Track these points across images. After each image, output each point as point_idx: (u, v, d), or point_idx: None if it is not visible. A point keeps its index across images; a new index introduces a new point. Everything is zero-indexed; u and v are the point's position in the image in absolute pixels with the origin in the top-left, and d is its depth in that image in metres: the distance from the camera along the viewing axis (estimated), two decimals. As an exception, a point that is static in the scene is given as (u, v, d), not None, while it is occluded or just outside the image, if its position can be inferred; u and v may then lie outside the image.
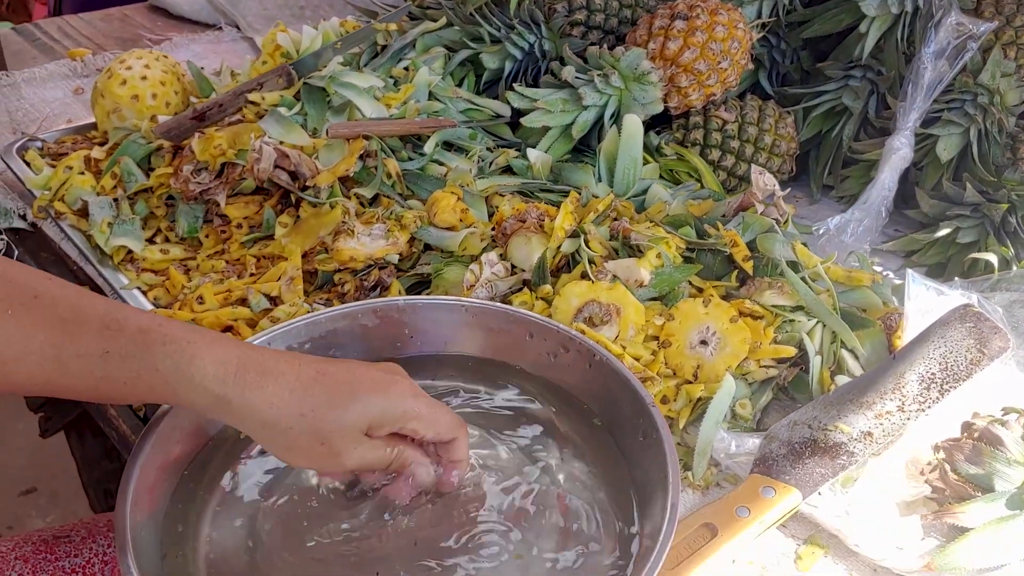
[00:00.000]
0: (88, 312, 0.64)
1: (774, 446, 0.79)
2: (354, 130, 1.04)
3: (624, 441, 0.76)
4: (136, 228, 1.02)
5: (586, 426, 0.80)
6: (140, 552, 0.64)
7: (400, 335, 0.84)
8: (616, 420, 0.78)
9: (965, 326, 0.84)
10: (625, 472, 0.75)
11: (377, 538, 0.71)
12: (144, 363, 0.63)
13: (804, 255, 0.93)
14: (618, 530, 0.71)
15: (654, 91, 1.16)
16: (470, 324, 0.84)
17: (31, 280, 0.65)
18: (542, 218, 0.93)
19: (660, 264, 0.90)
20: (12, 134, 1.27)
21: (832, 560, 0.75)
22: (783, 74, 1.35)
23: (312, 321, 0.82)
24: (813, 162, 1.29)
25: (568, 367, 0.81)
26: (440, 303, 0.85)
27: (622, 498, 0.74)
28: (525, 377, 0.83)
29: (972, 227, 1.09)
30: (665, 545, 0.63)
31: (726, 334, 0.85)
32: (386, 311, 0.84)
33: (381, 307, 0.84)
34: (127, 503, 0.66)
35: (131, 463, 0.69)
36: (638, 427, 0.74)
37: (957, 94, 1.16)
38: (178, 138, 1.08)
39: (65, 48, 1.56)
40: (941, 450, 0.77)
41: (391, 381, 0.69)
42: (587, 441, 0.79)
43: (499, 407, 0.82)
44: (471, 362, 0.85)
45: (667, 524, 0.65)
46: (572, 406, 0.81)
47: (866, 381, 0.83)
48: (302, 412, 0.65)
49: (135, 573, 0.62)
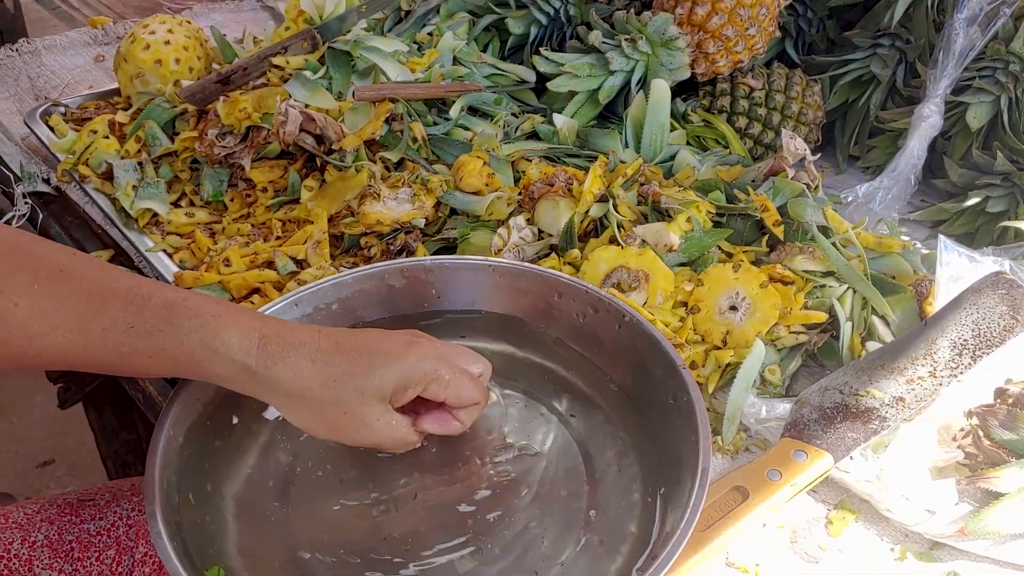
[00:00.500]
0: (113, 287, 0.64)
1: (805, 411, 0.79)
2: (380, 93, 1.04)
3: (653, 404, 0.76)
4: (161, 191, 1.02)
5: (612, 389, 0.79)
6: (168, 514, 0.64)
7: (427, 295, 0.84)
8: (645, 383, 0.77)
9: (998, 293, 0.83)
10: (654, 435, 0.75)
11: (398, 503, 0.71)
12: (169, 337, 0.63)
13: (835, 220, 0.92)
14: (647, 493, 0.71)
15: (681, 57, 1.15)
16: (497, 284, 0.83)
17: (56, 255, 0.65)
18: (570, 182, 0.93)
19: (690, 229, 0.89)
20: (34, 100, 1.27)
21: (863, 525, 0.75)
22: (809, 43, 1.34)
23: (339, 282, 0.82)
24: (839, 132, 1.28)
25: (597, 328, 0.80)
26: (467, 263, 0.84)
27: (651, 462, 0.73)
28: (552, 339, 0.83)
29: (1002, 196, 1.08)
30: (696, 508, 0.63)
31: (756, 299, 0.84)
32: (413, 271, 0.83)
33: (408, 267, 0.83)
34: (156, 465, 0.66)
35: (159, 425, 0.69)
36: (668, 389, 0.73)
37: (988, 62, 1.15)
38: (202, 102, 1.07)
39: (85, 16, 1.56)
40: (974, 416, 0.77)
41: (411, 343, 0.69)
42: (613, 404, 0.78)
43: (525, 369, 0.82)
44: (498, 322, 0.84)
45: (697, 488, 0.64)
46: (597, 368, 0.81)
47: (897, 347, 0.82)
48: (324, 381, 0.65)
49: (164, 534, 0.62)
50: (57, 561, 0.84)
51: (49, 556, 0.84)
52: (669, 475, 0.71)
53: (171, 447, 0.69)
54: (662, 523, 0.68)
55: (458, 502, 0.71)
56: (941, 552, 0.72)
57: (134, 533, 0.89)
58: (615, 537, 0.68)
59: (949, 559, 0.72)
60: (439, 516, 0.70)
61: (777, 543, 0.73)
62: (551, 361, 0.82)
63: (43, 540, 0.85)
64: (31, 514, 0.87)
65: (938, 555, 0.72)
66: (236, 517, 0.69)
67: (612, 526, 0.69)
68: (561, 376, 0.81)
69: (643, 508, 0.70)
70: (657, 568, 0.59)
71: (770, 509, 0.72)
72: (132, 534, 0.89)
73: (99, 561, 0.86)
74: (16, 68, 1.34)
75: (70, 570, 0.84)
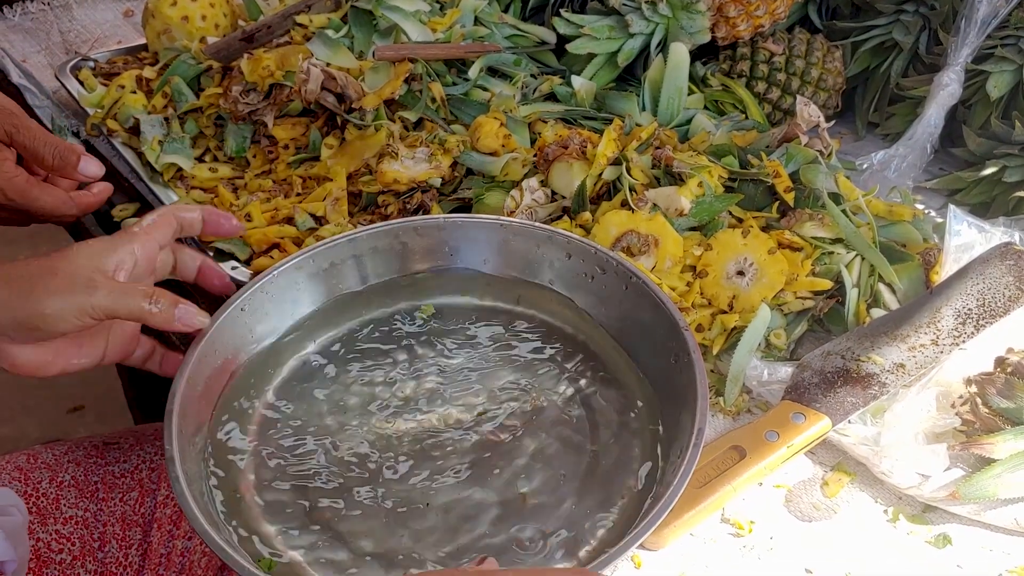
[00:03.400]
0: None
1: (806, 375, 0.80)
2: (400, 53, 1.05)
3: (656, 364, 0.78)
4: (186, 147, 1.04)
5: (615, 348, 0.81)
6: (186, 461, 0.67)
7: (440, 253, 0.86)
8: (649, 343, 0.79)
9: (1005, 263, 0.84)
10: (654, 394, 0.77)
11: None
12: None
13: (846, 188, 0.93)
14: (645, 449, 0.73)
15: (702, 20, 1.15)
16: (509, 243, 0.85)
17: None
18: (584, 145, 0.94)
19: (701, 193, 0.90)
20: (64, 54, 1.29)
21: (858, 487, 0.77)
22: (833, 7, 1.33)
23: (353, 238, 0.84)
24: (859, 98, 1.27)
25: (604, 289, 0.82)
26: (480, 222, 0.86)
27: (651, 419, 0.76)
28: (560, 297, 0.85)
29: (1019, 166, 1.08)
30: (691, 466, 0.65)
31: (763, 265, 0.86)
32: (426, 229, 0.85)
33: (421, 225, 0.85)
34: (175, 411, 0.69)
35: (180, 371, 0.72)
36: (670, 350, 0.75)
37: (1012, 30, 1.14)
38: (227, 59, 1.09)
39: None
40: (973, 384, 0.78)
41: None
42: (616, 363, 0.81)
43: (533, 327, 0.84)
44: (508, 281, 0.86)
45: (692, 447, 0.66)
46: (602, 327, 0.82)
47: (902, 314, 0.84)
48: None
49: (181, 478, 0.64)
50: (83, 501, 0.88)
51: (76, 496, 0.88)
52: (667, 433, 0.73)
53: (189, 396, 0.71)
54: (659, 480, 0.70)
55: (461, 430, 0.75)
56: (933, 515, 0.74)
57: (156, 476, 0.92)
58: (614, 491, 0.70)
59: (940, 522, 0.74)
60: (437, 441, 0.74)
61: (773, 502, 0.75)
62: (557, 320, 0.84)
63: (70, 480, 0.88)
64: (59, 455, 0.91)
65: (930, 518, 0.74)
66: (253, 470, 0.73)
67: (611, 479, 0.71)
68: (567, 334, 0.83)
69: (640, 463, 0.72)
70: (649, 523, 0.62)
71: (766, 469, 0.74)
72: (155, 477, 0.92)
73: (123, 502, 0.90)
74: (48, 22, 1.36)
75: (95, 509, 0.88)
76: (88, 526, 0.87)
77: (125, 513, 0.89)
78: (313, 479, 0.72)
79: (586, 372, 0.80)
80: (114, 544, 0.88)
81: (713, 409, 0.82)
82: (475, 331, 0.84)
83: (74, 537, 0.86)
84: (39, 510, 0.86)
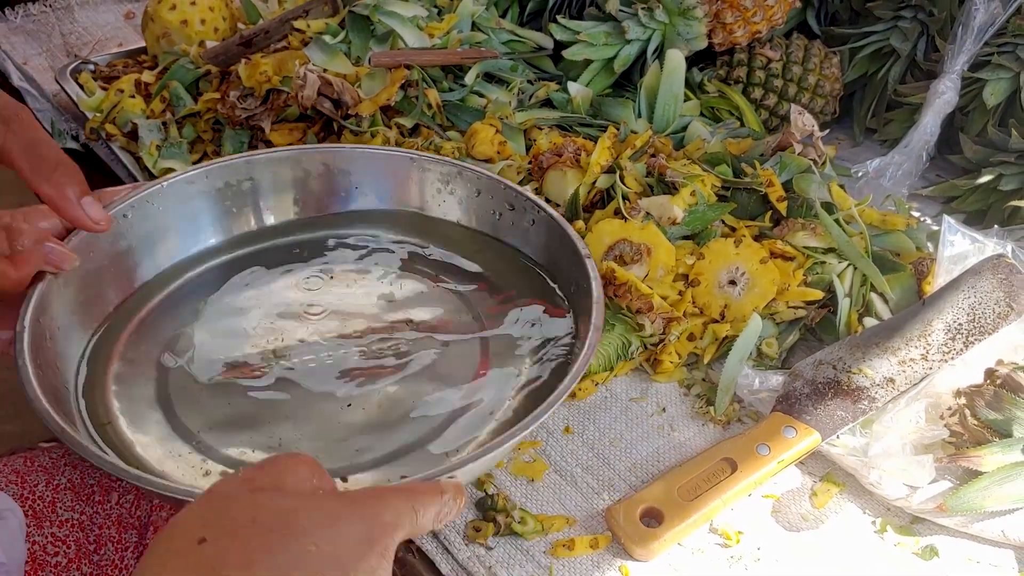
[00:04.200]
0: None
1: (798, 384, 0.81)
2: (396, 59, 1.05)
3: (558, 290, 0.82)
4: (184, 151, 1.05)
5: (521, 279, 0.85)
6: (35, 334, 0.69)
7: (345, 186, 0.87)
8: (554, 273, 0.83)
9: (997, 277, 0.84)
10: (555, 315, 0.81)
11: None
12: None
13: (840, 197, 0.93)
14: (544, 358, 0.78)
15: (699, 26, 1.15)
16: (418, 180, 0.87)
17: None
18: (578, 152, 0.94)
19: (694, 202, 0.90)
20: (66, 56, 1.30)
21: (847, 498, 0.77)
22: (831, 13, 1.33)
23: (251, 159, 0.85)
24: (857, 104, 1.28)
25: (512, 225, 0.85)
26: (389, 153, 0.88)
27: (551, 335, 0.80)
28: (469, 233, 0.88)
29: (1015, 174, 1.08)
30: (582, 368, 0.68)
31: (755, 275, 0.86)
32: (331, 158, 0.86)
33: (326, 152, 0.87)
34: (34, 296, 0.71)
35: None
36: (572, 279, 0.79)
37: (1009, 38, 1.14)
38: (225, 63, 1.10)
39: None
40: (963, 395, 0.78)
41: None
42: (521, 290, 0.84)
43: (439, 260, 0.87)
44: (416, 217, 0.88)
45: (584, 355, 0.69)
46: (508, 260, 0.86)
47: (893, 325, 0.84)
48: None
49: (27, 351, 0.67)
50: (79, 503, 0.89)
51: (72, 499, 0.88)
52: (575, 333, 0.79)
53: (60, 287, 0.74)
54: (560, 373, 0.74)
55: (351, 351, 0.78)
56: (920, 526, 0.75)
57: (153, 480, 0.93)
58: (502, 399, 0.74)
59: (928, 533, 0.74)
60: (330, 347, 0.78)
61: (761, 512, 0.76)
62: (464, 255, 0.87)
63: (66, 483, 0.89)
64: (56, 459, 0.91)
65: (917, 529, 0.74)
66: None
67: (503, 389, 0.75)
68: (472, 271, 0.86)
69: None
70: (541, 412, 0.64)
71: (757, 482, 0.75)
72: None
73: (119, 504, 0.90)
74: (49, 24, 1.37)
75: (91, 512, 0.89)
76: (84, 529, 0.88)
77: (121, 516, 0.90)
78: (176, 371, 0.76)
79: (486, 299, 0.83)
80: (110, 547, 0.89)
81: (704, 418, 0.83)
82: (377, 260, 0.86)
83: (70, 540, 0.87)
84: (35, 513, 0.86)
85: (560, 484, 0.77)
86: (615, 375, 0.86)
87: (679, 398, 0.85)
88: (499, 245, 0.87)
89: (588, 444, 0.80)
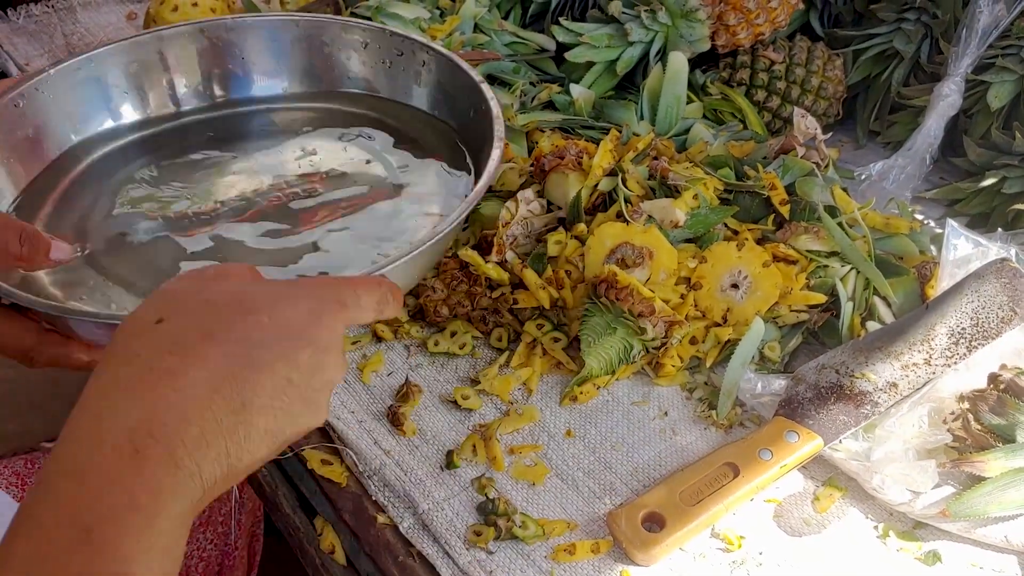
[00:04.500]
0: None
1: (800, 388, 0.80)
2: (398, 62, 1.05)
3: (458, 119, 0.87)
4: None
5: (423, 120, 0.90)
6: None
7: (234, 58, 0.90)
8: (452, 105, 0.87)
9: (1000, 281, 0.83)
10: (460, 140, 0.87)
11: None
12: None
13: (843, 200, 0.93)
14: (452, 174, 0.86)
15: (701, 28, 1.15)
16: (304, 40, 0.90)
17: None
18: (581, 155, 0.94)
19: (696, 205, 0.90)
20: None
21: (849, 502, 0.77)
22: (834, 15, 1.33)
23: (136, 41, 0.87)
24: (860, 106, 1.27)
25: (404, 70, 0.88)
26: (271, 19, 0.90)
27: (457, 158, 0.87)
28: (364, 84, 0.91)
29: (1019, 177, 1.07)
30: (491, 176, 0.75)
31: (757, 278, 0.86)
32: (213, 30, 0.89)
33: (207, 26, 0.89)
34: None
35: None
36: (471, 105, 0.83)
37: (1014, 40, 1.13)
38: (227, 65, 1.09)
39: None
40: (966, 400, 0.78)
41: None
42: (424, 130, 0.89)
43: (337, 111, 0.91)
44: (309, 78, 0.92)
45: (492, 163, 0.76)
46: (405, 104, 0.91)
47: (896, 329, 0.83)
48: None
49: None
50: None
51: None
52: (476, 157, 0.85)
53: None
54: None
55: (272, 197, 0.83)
56: (923, 531, 0.74)
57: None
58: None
59: (931, 539, 0.74)
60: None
61: (763, 516, 0.75)
62: (361, 108, 0.91)
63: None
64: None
65: (920, 534, 0.74)
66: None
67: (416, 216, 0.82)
68: (372, 118, 0.90)
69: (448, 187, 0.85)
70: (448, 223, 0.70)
71: (759, 487, 0.74)
72: None
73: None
74: (51, 25, 1.37)
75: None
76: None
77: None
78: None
79: (392, 145, 0.88)
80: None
81: (706, 422, 0.83)
82: (278, 122, 0.90)
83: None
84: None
85: (561, 488, 0.76)
86: (617, 378, 0.85)
87: (681, 402, 0.85)
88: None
89: (590, 448, 0.80)
